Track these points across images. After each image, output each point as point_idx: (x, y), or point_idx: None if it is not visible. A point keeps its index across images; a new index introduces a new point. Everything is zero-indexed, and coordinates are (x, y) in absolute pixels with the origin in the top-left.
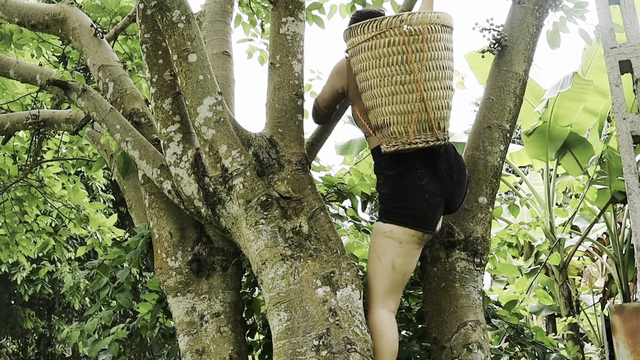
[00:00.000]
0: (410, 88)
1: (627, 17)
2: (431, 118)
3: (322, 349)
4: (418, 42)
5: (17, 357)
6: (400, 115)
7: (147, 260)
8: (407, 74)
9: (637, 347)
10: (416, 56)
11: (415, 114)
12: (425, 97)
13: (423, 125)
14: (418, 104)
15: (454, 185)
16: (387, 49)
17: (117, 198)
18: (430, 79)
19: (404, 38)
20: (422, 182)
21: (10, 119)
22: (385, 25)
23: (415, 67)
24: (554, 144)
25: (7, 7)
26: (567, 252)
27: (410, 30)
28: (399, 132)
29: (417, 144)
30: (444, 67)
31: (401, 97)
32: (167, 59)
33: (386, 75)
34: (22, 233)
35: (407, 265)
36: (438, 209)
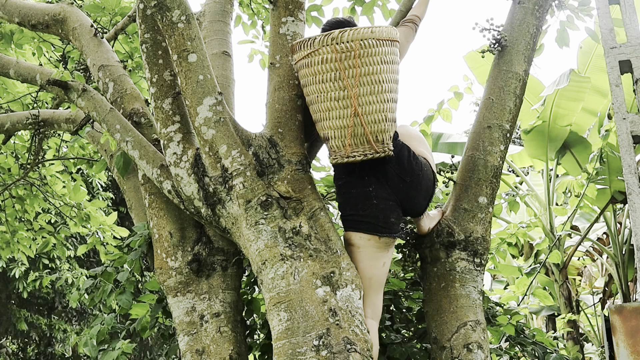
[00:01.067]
0: (344, 104)
1: (627, 17)
2: (367, 132)
3: (322, 349)
4: (350, 58)
5: (17, 357)
6: (337, 130)
7: (147, 260)
8: (340, 90)
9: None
10: (349, 72)
11: (350, 128)
12: (360, 111)
13: (360, 139)
14: (353, 119)
15: (407, 188)
16: (321, 66)
17: (117, 197)
18: (366, 93)
19: (336, 55)
20: (369, 189)
21: (10, 119)
22: (318, 43)
23: (349, 82)
24: (553, 143)
25: (7, 7)
26: (567, 252)
27: (342, 47)
28: (337, 146)
29: (354, 157)
30: (381, 80)
31: (337, 113)
32: (167, 59)
33: (322, 92)
34: (22, 231)
35: (369, 269)
36: (391, 212)
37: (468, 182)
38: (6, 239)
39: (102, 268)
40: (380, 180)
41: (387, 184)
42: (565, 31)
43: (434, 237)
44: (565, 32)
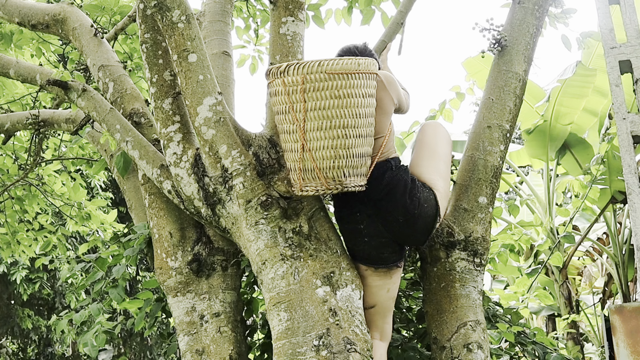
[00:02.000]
0: (295, 137)
1: (627, 17)
2: (316, 168)
3: (322, 349)
4: (297, 92)
5: (17, 357)
6: (292, 163)
7: (148, 260)
8: (291, 124)
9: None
10: (297, 106)
11: (300, 162)
12: (308, 147)
13: (312, 174)
14: (302, 154)
15: (401, 226)
16: (275, 98)
17: (117, 197)
18: (313, 129)
19: (284, 89)
20: (360, 226)
21: (10, 119)
22: (271, 75)
23: (296, 117)
24: (554, 143)
25: (7, 7)
26: (567, 252)
27: (289, 81)
28: (293, 179)
29: (307, 192)
30: (331, 116)
31: (290, 146)
32: (167, 59)
33: (279, 123)
34: (22, 232)
35: (373, 296)
36: (384, 248)
37: (468, 182)
38: (6, 239)
39: (97, 255)
40: (372, 217)
41: (378, 221)
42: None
43: (434, 237)
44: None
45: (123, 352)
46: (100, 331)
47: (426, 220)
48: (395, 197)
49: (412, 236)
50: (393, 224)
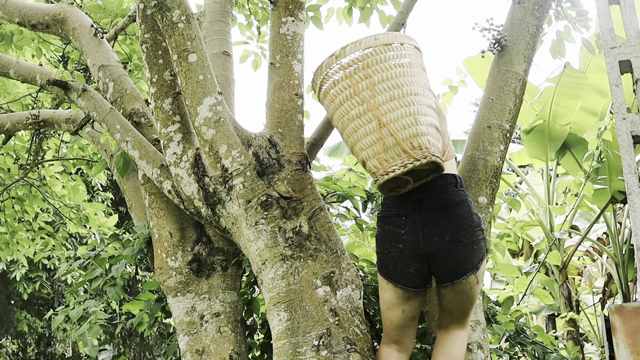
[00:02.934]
0: (367, 118)
1: (627, 17)
2: (399, 140)
3: (322, 349)
4: (360, 70)
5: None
6: (370, 148)
7: (148, 260)
8: (359, 105)
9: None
10: (362, 84)
11: (380, 141)
12: (384, 120)
13: (395, 150)
14: (380, 131)
15: (444, 245)
16: (335, 89)
17: (117, 197)
18: (386, 100)
19: (345, 72)
20: (401, 231)
21: (10, 119)
22: (324, 67)
23: (365, 95)
24: (553, 143)
25: (7, 7)
26: (567, 252)
27: (347, 62)
28: (374, 165)
29: (394, 171)
30: (399, 84)
31: (363, 130)
32: (167, 59)
33: (344, 114)
34: (22, 232)
35: (389, 312)
36: (411, 262)
37: (468, 182)
38: (6, 239)
39: (96, 252)
40: (417, 226)
41: (421, 232)
42: (562, 42)
43: None
44: (561, 42)
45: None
46: (93, 322)
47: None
48: (455, 213)
49: (449, 261)
50: (437, 238)
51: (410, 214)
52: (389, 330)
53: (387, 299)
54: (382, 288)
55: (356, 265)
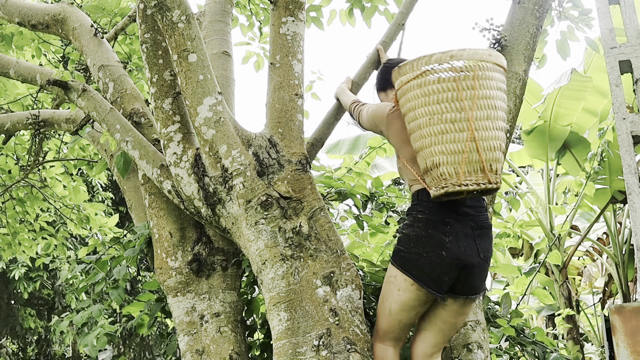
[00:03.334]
0: (460, 126)
1: (627, 17)
2: (482, 159)
3: (322, 349)
4: (469, 79)
5: (17, 357)
6: (451, 155)
7: (148, 260)
8: (457, 112)
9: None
10: (467, 93)
11: (466, 153)
12: (476, 136)
13: (474, 166)
14: (469, 144)
15: (479, 262)
16: (437, 86)
17: (117, 197)
18: (482, 118)
19: (455, 74)
20: (446, 239)
21: (10, 119)
22: (434, 60)
23: (466, 104)
24: (553, 143)
25: (7, 7)
26: (567, 252)
27: (461, 66)
28: (448, 172)
29: (467, 186)
30: (495, 107)
31: (451, 136)
32: (167, 59)
33: (436, 113)
34: (24, 233)
35: (402, 313)
36: (449, 271)
37: None
38: (7, 240)
39: (97, 256)
40: (459, 238)
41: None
42: (566, 42)
43: None
44: (565, 42)
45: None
46: (102, 334)
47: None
48: (487, 235)
49: (474, 277)
50: (473, 255)
51: (454, 224)
52: (394, 329)
53: (404, 301)
54: (402, 289)
55: (356, 265)
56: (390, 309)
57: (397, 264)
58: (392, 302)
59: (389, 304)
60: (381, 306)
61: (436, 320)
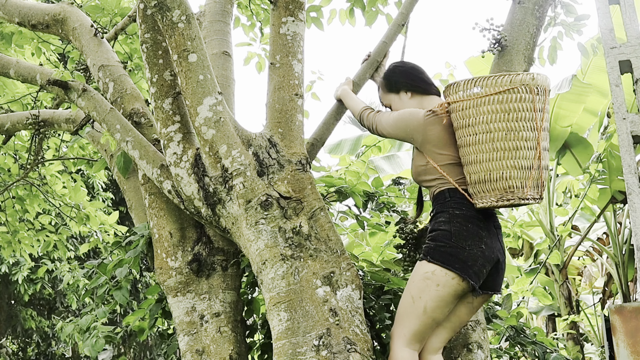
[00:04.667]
0: (532, 145)
1: (627, 17)
2: (541, 176)
3: (322, 349)
4: (541, 101)
5: (17, 357)
6: (521, 170)
7: (148, 260)
8: (532, 131)
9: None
10: (539, 115)
11: (534, 170)
12: (541, 155)
13: (536, 182)
14: (536, 161)
15: (504, 258)
16: (518, 104)
17: (117, 197)
18: (544, 138)
19: (533, 96)
20: (483, 232)
21: (10, 119)
22: (519, 81)
23: (538, 125)
24: (554, 144)
25: (7, 7)
26: (567, 252)
27: (537, 89)
28: (516, 186)
29: (528, 200)
30: (548, 128)
31: (524, 153)
32: (167, 59)
33: (513, 130)
34: (23, 231)
35: (438, 310)
36: (487, 263)
37: None
38: (7, 239)
39: (99, 261)
40: (491, 233)
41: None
42: (555, 50)
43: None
44: (554, 50)
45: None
46: (97, 335)
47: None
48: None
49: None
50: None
51: (485, 221)
52: (426, 329)
53: (443, 296)
54: (442, 284)
55: (356, 265)
56: (425, 306)
57: (435, 259)
58: (428, 300)
59: (423, 302)
60: (410, 307)
61: (453, 317)
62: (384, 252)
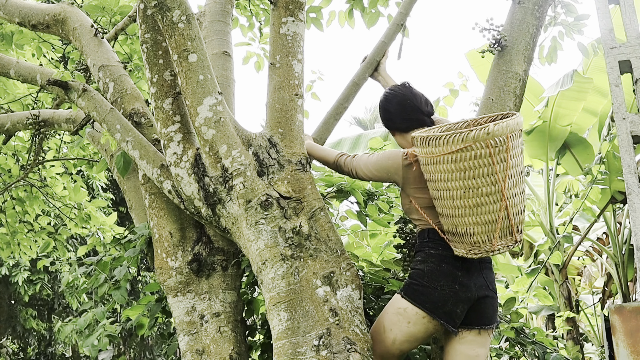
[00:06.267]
0: (495, 198)
1: (627, 17)
2: (512, 224)
3: (322, 348)
4: (502, 152)
5: (17, 357)
6: (485, 225)
7: (148, 260)
8: (492, 185)
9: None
10: (501, 166)
11: (500, 222)
12: (508, 204)
13: (505, 231)
14: (502, 213)
15: (489, 293)
16: (473, 162)
17: (117, 198)
18: (512, 186)
19: (490, 150)
20: (458, 272)
21: (10, 119)
22: (472, 138)
23: (499, 177)
24: (554, 143)
25: (7, 7)
26: (567, 252)
27: (495, 141)
28: (482, 241)
29: (499, 251)
30: (521, 172)
31: (487, 208)
32: (167, 59)
33: (471, 188)
34: (23, 232)
35: (407, 344)
36: (461, 303)
37: None
38: (6, 240)
39: (98, 257)
40: (470, 271)
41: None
42: (555, 50)
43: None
44: (554, 51)
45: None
46: (102, 335)
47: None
48: (491, 270)
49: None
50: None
51: (463, 260)
52: (392, 357)
53: (413, 333)
54: (413, 322)
55: (356, 265)
56: (394, 339)
57: (408, 296)
58: (399, 333)
59: (393, 334)
60: (382, 334)
61: (458, 356)
62: (384, 252)
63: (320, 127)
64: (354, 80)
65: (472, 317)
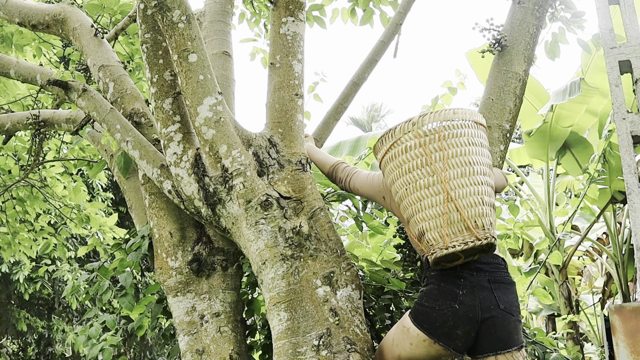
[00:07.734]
0: (435, 190)
1: (627, 17)
2: (464, 217)
3: (322, 348)
4: (435, 141)
5: (17, 357)
6: (432, 220)
7: (148, 260)
8: (429, 176)
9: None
10: (437, 155)
11: (445, 215)
12: (453, 195)
13: (457, 226)
14: (447, 205)
15: (499, 313)
16: (405, 155)
17: (117, 197)
18: (457, 176)
19: (420, 140)
20: (459, 291)
21: (10, 119)
22: (399, 132)
23: (437, 166)
24: (554, 143)
25: (7, 8)
26: (567, 252)
27: (424, 131)
28: (434, 238)
29: (454, 247)
30: (471, 162)
31: (429, 201)
32: (167, 59)
33: (410, 182)
34: (23, 232)
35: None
36: (462, 324)
37: None
38: (7, 240)
39: (99, 263)
40: (475, 289)
41: (475, 296)
42: (557, 43)
43: None
44: (556, 44)
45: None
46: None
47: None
48: (508, 289)
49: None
50: (491, 307)
51: (468, 278)
52: None
53: (415, 355)
54: (414, 344)
55: (356, 265)
56: (400, 355)
57: (411, 315)
58: (402, 351)
59: (399, 350)
60: (390, 346)
61: None
62: (384, 252)
63: (320, 127)
64: (353, 80)
65: (482, 342)
